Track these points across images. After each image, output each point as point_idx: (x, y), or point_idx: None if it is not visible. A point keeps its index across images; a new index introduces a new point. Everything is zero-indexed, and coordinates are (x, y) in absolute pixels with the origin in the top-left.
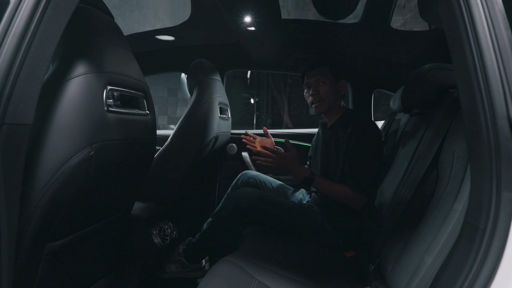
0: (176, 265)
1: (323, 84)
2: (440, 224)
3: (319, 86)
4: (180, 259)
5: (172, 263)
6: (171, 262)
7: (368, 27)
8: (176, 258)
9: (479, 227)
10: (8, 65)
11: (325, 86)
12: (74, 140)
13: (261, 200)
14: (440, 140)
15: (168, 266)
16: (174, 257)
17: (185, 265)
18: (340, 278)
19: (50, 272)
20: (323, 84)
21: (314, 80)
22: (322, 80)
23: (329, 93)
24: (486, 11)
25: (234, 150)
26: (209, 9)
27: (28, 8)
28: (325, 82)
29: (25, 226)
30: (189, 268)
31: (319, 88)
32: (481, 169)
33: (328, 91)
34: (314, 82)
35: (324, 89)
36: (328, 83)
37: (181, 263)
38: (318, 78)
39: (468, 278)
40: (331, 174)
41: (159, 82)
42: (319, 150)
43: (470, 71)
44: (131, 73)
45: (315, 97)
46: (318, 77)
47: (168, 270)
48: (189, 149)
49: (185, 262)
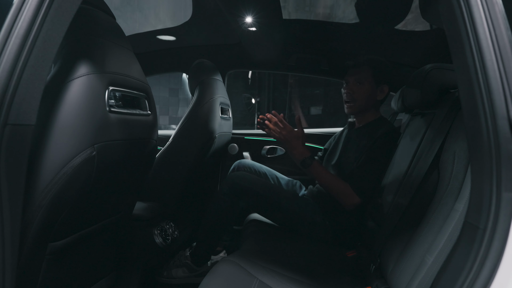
0: (183, 269)
1: (360, 85)
2: (441, 224)
3: (356, 86)
4: (187, 262)
5: (179, 267)
6: (178, 267)
7: (369, 27)
8: (183, 262)
9: (480, 227)
10: (11, 66)
11: (361, 87)
12: (76, 141)
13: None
14: (441, 140)
15: (175, 271)
16: (181, 261)
17: (192, 269)
18: (341, 278)
19: (52, 271)
20: (360, 85)
21: (353, 79)
22: (360, 81)
23: (363, 95)
24: (486, 12)
25: (235, 150)
26: (210, 9)
27: (31, 10)
28: (363, 84)
29: (27, 226)
30: (197, 272)
31: (355, 88)
32: (482, 169)
33: (363, 94)
34: (352, 81)
35: (359, 91)
36: (366, 85)
37: (188, 266)
38: (357, 78)
39: (469, 278)
40: (342, 172)
41: (161, 82)
42: (339, 147)
43: (471, 71)
44: (132, 73)
45: (348, 96)
46: (357, 77)
47: (175, 275)
48: (190, 149)
49: (192, 265)
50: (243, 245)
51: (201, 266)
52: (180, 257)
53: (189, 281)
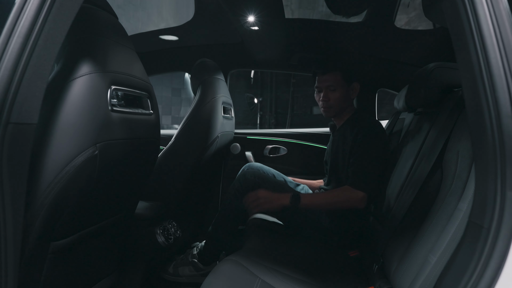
0: (190, 268)
1: (333, 91)
2: (444, 223)
3: (330, 93)
4: (194, 261)
5: (185, 265)
6: (184, 265)
7: (372, 26)
8: (189, 261)
9: (484, 226)
10: (14, 65)
11: (335, 93)
12: (78, 140)
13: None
14: (444, 139)
15: (182, 269)
16: (187, 259)
17: (199, 268)
18: (343, 277)
19: (55, 270)
20: (333, 91)
21: (325, 86)
22: (333, 87)
23: (339, 100)
24: (490, 9)
25: (237, 150)
26: (212, 9)
27: (33, 9)
28: (336, 89)
29: (30, 225)
30: (203, 271)
31: (330, 95)
32: (486, 168)
33: (338, 98)
34: (325, 87)
35: (334, 96)
36: (339, 89)
37: (194, 265)
38: (329, 85)
39: (473, 278)
40: (340, 176)
41: (163, 82)
42: (329, 153)
43: (475, 69)
44: (135, 72)
45: (324, 103)
46: (329, 83)
47: (182, 273)
48: (192, 149)
49: (199, 265)
50: (245, 244)
51: (209, 265)
52: (187, 255)
53: (194, 280)
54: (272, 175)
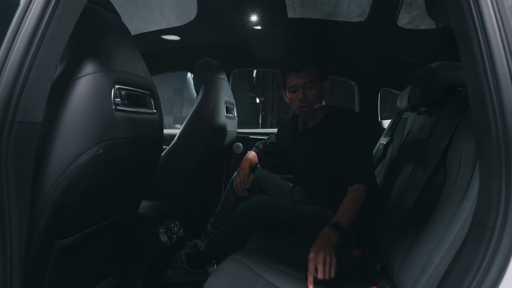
0: (180, 272)
1: (310, 88)
2: (448, 223)
3: (307, 90)
4: (183, 266)
5: (175, 269)
6: (174, 269)
7: (375, 25)
8: (178, 265)
9: (488, 225)
10: (19, 64)
11: (312, 90)
12: (82, 139)
13: (275, 209)
14: (447, 138)
15: (171, 273)
16: (177, 264)
17: (189, 271)
18: (346, 277)
19: (59, 269)
20: (310, 89)
21: (301, 84)
22: (310, 85)
23: (316, 97)
24: (495, 7)
25: (240, 149)
26: (215, 8)
27: (38, 8)
28: (313, 86)
29: (35, 223)
30: (193, 273)
31: (308, 92)
32: (490, 167)
33: (316, 96)
34: (301, 85)
35: (311, 93)
36: (316, 86)
37: (184, 269)
38: (306, 83)
39: (477, 277)
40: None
41: (165, 82)
42: (301, 151)
43: (479, 68)
44: (138, 72)
45: (303, 102)
46: (306, 81)
47: (170, 276)
48: (195, 148)
49: (188, 268)
50: (248, 243)
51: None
52: (175, 260)
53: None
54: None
